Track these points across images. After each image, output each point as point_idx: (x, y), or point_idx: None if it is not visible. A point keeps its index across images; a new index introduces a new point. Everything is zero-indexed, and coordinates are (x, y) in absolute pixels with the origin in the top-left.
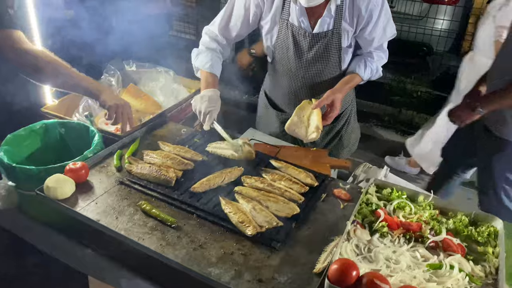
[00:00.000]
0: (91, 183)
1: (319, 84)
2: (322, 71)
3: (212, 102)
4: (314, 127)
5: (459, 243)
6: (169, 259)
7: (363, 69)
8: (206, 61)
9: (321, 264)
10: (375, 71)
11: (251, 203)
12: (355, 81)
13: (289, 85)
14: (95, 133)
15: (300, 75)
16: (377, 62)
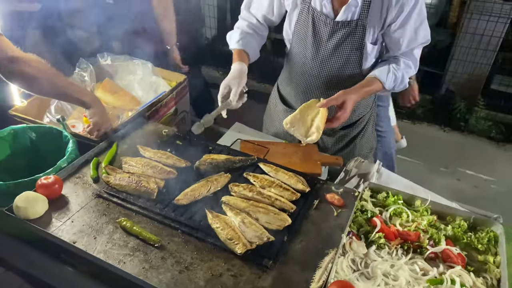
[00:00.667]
0: (66, 198)
1: (335, 83)
2: (340, 67)
3: (233, 77)
4: (315, 127)
5: (459, 253)
6: (153, 286)
7: (386, 74)
8: (236, 39)
9: (316, 284)
10: (399, 79)
11: (239, 215)
12: (375, 87)
13: (303, 80)
14: (68, 139)
15: (316, 69)
16: (404, 71)
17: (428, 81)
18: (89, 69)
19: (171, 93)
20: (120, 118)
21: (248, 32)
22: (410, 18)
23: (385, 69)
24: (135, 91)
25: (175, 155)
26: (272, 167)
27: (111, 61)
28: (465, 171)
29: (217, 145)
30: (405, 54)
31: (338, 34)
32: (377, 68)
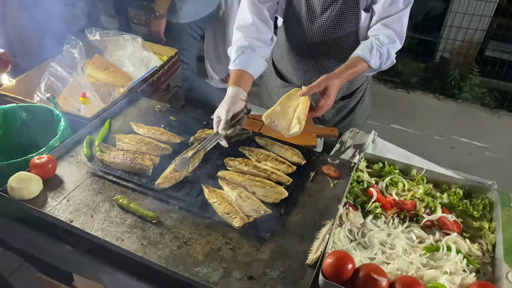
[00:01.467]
0: (61, 177)
1: (332, 55)
2: (336, 39)
3: (223, 104)
4: (296, 118)
5: (455, 220)
6: (152, 262)
7: (369, 52)
8: (232, 57)
9: (314, 254)
10: (385, 55)
11: (236, 190)
12: (360, 67)
13: (300, 54)
14: (60, 118)
15: (312, 42)
16: (388, 46)
17: (421, 49)
18: (78, 46)
19: (163, 68)
20: (112, 94)
21: (244, 46)
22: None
23: (367, 47)
24: (125, 66)
25: (169, 131)
26: (267, 140)
27: (99, 36)
28: (459, 139)
29: (211, 120)
30: (388, 23)
31: (332, 6)
32: (360, 47)
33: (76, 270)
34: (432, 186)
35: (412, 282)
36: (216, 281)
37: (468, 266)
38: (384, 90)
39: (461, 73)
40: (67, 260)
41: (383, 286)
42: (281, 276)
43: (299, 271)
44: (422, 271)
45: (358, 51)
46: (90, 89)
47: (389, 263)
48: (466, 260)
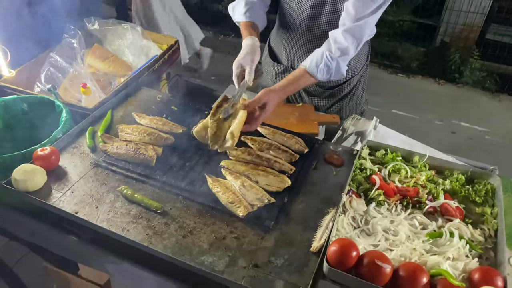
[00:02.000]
0: (64, 169)
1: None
2: (327, 21)
3: (246, 53)
4: (229, 133)
5: (457, 206)
6: (159, 252)
7: (316, 67)
8: (242, 11)
9: (318, 242)
10: (333, 70)
11: (239, 179)
12: (305, 81)
13: (291, 34)
14: (62, 109)
15: (303, 23)
16: (339, 59)
17: (422, 33)
18: (77, 35)
19: (163, 57)
20: (112, 84)
21: (253, 1)
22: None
23: (316, 61)
24: (125, 56)
25: (171, 120)
26: (269, 129)
27: (98, 25)
28: (459, 123)
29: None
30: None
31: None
32: (309, 58)
33: (81, 260)
34: (435, 173)
35: (416, 268)
36: (222, 270)
37: (471, 252)
38: (385, 75)
39: (461, 57)
40: (72, 250)
41: (387, 272)
42: (286, 264)
43: (303, 259)
44: (425, 257)
45: (306, 63)
46: (90, 79)
47: (392, 249)
48: (468, 246)
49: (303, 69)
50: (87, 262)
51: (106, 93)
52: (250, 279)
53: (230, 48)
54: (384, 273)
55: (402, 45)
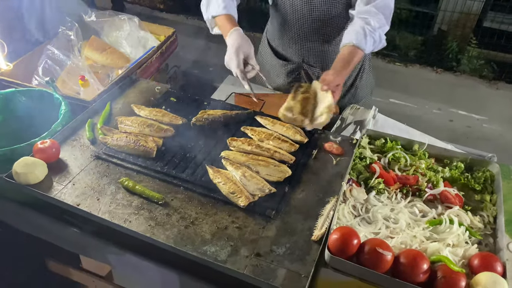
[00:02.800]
0: (65, 161)
1: (327, 25)
2: (328, 8)
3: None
4: (325, 107)
5: (457, 193)
6: (161, 242)
7: (364, 40)
8: (218, 4)
9: (319, 230)
10: (378, 41)
11: (240, 169)
12: (358, 56)
13: (294, 27)
14: (60, 101)
15: (306, 14)
16: (380, 31)
17: (419, 21)
18: (74, 27)
19: (161, 48)
20: (110, 76)
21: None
22: None
23: (361, 34)
24: (123, 47)
25: (170, 112)
26: (269, 119)
27: (95, 17)
28: (457, 112)
29: (211, 100)
30: (378, 7)
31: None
32: (352, 34)
33: (83, 252)
34: (434, 161)
35: (416, 255)
36: (225, 259)
37: (470, 238)
38: (382, 64)
39: (459, 45)
40: (74, 242)
41: (388, 260)
42: (288, 253)
43: (305, 247)
44: (426, 244)
45: (352, 39)
46: (88, 72)
47: (393, 237)
48: (468, 232)
49: (351, 45)
50: (89, 254)
51: (105, 85)
52: (253, 268)
53: None
54: (385, 260)
55: (399, 34)
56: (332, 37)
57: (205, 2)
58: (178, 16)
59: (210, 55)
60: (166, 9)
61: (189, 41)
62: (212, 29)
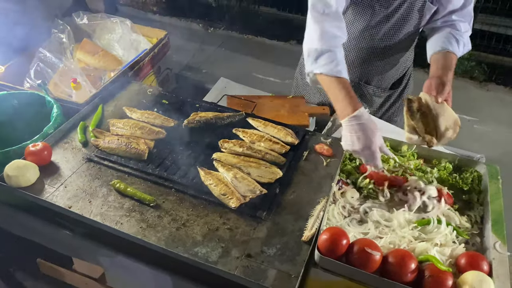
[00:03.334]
0: (57, 164)
1: (391, 46)
2: (400, 27)
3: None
4: (452, 122)
5: (448, 193)
6: (152, 244)
7: (456, 45)
8: (333, 64)
9: (309, 231)
10: (466, 43)
11: (231, 171)
12: (455, 62)
13: (359, 44)
14: (52, 104)
15: (374, 30)
16: (466, 34)
17: None
18: (66, 30)
19: (153, 51)
20: (102, 79)
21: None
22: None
23: (453, 40)
24: (115, 50)
25: (162, 114)
26: (260, 121)
27: (87, 20)
28: None
29: (203, 102)
30: (463, 15)
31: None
32: (443, 40)
33: (76, 254)
34: (423, 161)
35: (404, 254)
36: (216, 260)
37: (458, 238)
38: None
39: None
40: (66, 244)
41: (377, 259)
42: (278, 253)
43: (295, 248)
44: (414, 244)
45: (446, 45)
46: (80, 74)
47: (382, 237)
48: (455, 232)
49: (444, 52)
50: (81, 256)
51: (97, 88)
52: (243, 269)
53: (220, 41)
54: (373, 260)
55: None
56: (397, 58)
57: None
58: (172, 19)
59: (204, 58)
60: (159, 12)
61: (182, 43)
62: (313, 83)
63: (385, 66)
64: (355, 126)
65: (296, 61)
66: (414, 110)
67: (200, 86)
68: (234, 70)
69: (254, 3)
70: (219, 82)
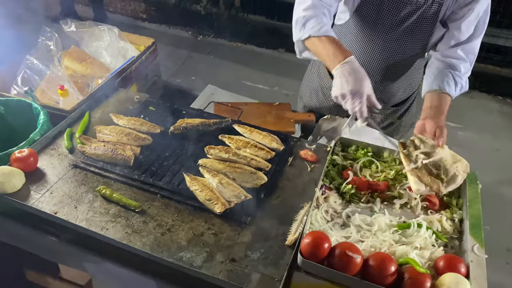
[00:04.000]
0: (42, 170)
1: (396, 64)
2: (405, 47)
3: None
4: (462, 169)
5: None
6: (137, 249)
7: (454, 87)
8: (320, 25)
9: (293, 235)
10: (464, 86)
11: (217, 177)
12: (449, 104)
13: (363, 56)
14: (39, 111)
15: (379, 46)
16: (465, 76)
17: None
18: (54, 38)
19: (140, 58)
20: (90, 86)
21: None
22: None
23: (450, 80)
24: (103, 57)
25: (148, 121)
26: (246, 128)
27: (75, 27)
28: None
29: (190, 109)
30: (467, 51)
31: (413, 10)
32: (441, 80)
33: (62, 261)
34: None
35: (385, 257)
36: (200, 265)
37: (437, 241)
38: None
39: None
40: (52, 251)
41: (358, 262)
42: (262, 257)
43: (278, 252)
44: (394, 247)
45: (442, 86)
46: (68, 81)
47: (363, 241)
48: (435, 236)
49: (440, 93)
50: (68, 262)
51: (84, 94)
52: (227, 273)
53: (209, 48)
54: (354, 263)
55: None
56: (400, 74)
57: (300, 20)
58: (161, 26)
59: (193, 65)
60: (148, 19)
61: (172, 51)
62: (301, 52)
63: (387, 80)
64: (345, 71)
65: (285, 69)
66: (411, 155)
67: (188, 93)
68: (223, 77)
69: (243, 11)
70: (207, 89)
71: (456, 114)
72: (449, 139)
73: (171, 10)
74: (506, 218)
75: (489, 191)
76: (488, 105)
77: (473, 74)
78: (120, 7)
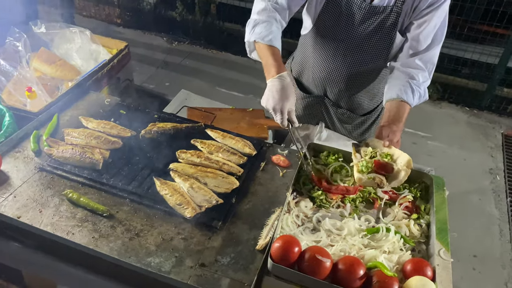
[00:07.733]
0: (6, 173)
1: (358, 73)
2: (368, 56)
3: (286, 93)
4: (404, 164)
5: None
6: (104, 254)
7: (411, 95)
8: (267, 32)
9: (263, 240)
10: (422, 95)
11: (188, 181)
12: (407, 112)
13: (326, 67)
14: (4, 112)
15: (342, 55)
16: (423, 85)
17: None
18: (22, 38)
19: (112, 61)
20: (59, 89)
21: (277, 25)
22: (437, 11)
23: (409, 89)
24: (74, 60)
25: (119, 124)
26: (219, 133)
27: (45, 29)
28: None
29: (162, 113)
30: (425, 60)
31: (371, 19)
32: (398, 89)
33: (26, 268)
34: None
35: (354, 261)
36: (169, 270)
37: (405, 245)
38: None
39: None
40: (16, 258)
41: (327, 266)
42: (232, 262)
43: (249, 257)
44: (363, 251)
45: (400, 94)
46: (36, 83)
47: (333, 245)
48: (403, 240)
49: (399, 101)
50: (32, 269)
51: (53, 97)
52: (197, 278)
53: (184, 55)
54: (324, 267)
55: None
56: (364, 83)
57: (251, 22)
58: (136, 32)
59: (167, 70)
60: (123, 24)
61: (146, 56)
62: (251, 52)
63: (352, 89)
64: (274, 88)
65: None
66: (362, 152)
67: (162, 98)
68: (198, 84)
69: (219, 19)
70: (180, 93)
71: (426, 124)
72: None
73: (146, 15)
74: (473, 225)
75: (456, 199)
76: (456, 115)
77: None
78: (94, 12)
